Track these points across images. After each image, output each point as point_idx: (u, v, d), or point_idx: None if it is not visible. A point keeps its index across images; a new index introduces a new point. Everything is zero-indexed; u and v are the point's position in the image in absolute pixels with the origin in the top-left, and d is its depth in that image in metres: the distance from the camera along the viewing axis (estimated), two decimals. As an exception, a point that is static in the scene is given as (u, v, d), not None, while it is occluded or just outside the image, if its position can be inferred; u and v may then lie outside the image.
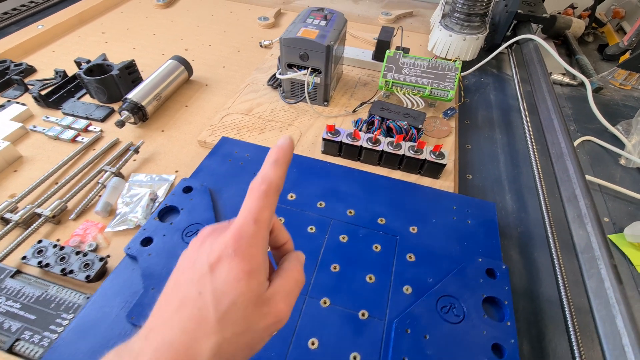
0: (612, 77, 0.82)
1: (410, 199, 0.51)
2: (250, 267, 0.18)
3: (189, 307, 0.17)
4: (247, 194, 0.19)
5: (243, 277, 0.18)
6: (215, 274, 0.18)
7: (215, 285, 0.17)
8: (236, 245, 0.18)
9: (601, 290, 0.36)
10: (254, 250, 0.18)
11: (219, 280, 0.17)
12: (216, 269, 0.18)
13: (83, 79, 0.65)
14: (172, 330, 0.17)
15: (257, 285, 0.18)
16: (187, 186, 0.48)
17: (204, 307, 0.17)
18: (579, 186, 0.45)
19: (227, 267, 0.18)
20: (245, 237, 0.18)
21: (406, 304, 0.39)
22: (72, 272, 0.42)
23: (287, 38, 0.60)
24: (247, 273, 0.18)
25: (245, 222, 0.18)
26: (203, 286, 0.18)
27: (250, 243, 0.18)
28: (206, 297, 0.17)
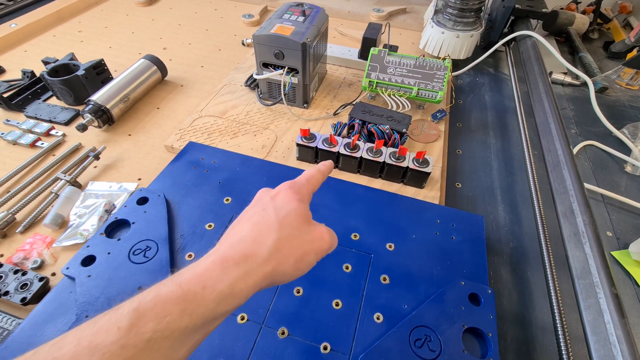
0: (617, 76, 0.76)
1: (388, 211, 0.46)
2: (300, 196, 0.24)
3: (256, 217, 0.23)
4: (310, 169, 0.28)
5: (295, 200, 0.24)
6: (275, 199, 0.24)
7: (275, 204, 0.23)
8: (290, 184, 0.25)
9: (599, 324, 0.31)
10: (303, 190, 0.25)
11: (278, 201, 0.24)
12: (276, 197, 0.24)
13: (47, 79, 0.61)
14: (242, 232, 0.22)
15: (305, 208, 0.24)
16: (142, 197, 0.44)
17: (267, 216, 0.23)
18: (577, 199, 0.40)
19: (284, 194, 0.24)
20: (298, 184, 0.25)
21: (375, 335, 0.34)
22: (7, 293, 0.38)
23: (260, 35, 0.55)
24: (297, 199, 0.24)
25: (300, 178, 0.26)
26: (267, 206, 0.23)
27: (301, 187, 0.25)
28: (269, 210, 0.23)
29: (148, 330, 0.16)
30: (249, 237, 0.21)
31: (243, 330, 0.34)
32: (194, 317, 0.18)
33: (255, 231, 0.22)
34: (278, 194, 0.24)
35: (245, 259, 0.20)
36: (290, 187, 0.25)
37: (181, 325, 0.17)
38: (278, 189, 0.25)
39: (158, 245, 0.39)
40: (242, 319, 0.35)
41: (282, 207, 0.23)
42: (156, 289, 0.18)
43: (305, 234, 0.23)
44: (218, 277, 0.19)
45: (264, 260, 0.20)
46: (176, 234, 0.42)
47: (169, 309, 0.17)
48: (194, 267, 0.20)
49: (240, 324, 0.35)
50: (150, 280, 0.36)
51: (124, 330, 0.16)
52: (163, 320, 0.17)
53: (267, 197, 0.24)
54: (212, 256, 0.20)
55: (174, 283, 0.18)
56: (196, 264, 0.20)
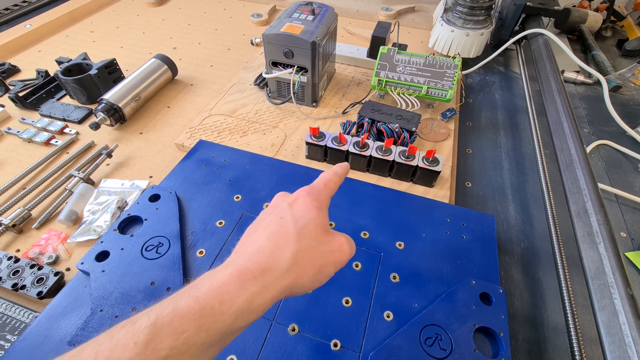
0: (632, 74, 0.74)
1: (398, 209, 0.46)
2: (318, 204, 0.24)
3: (273, 226, 0.22)
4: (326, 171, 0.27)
5: (313, 208, 0.23)
6: (293, 207, 0.23)
7: (293, 212, 0.23)
8: (309, 191, 0.24)
9: (614, 325, 0.30)
10: (322, 197, 0.24)
11: (296, 210, 0.23)
12: (294, 204, 0.23)
13: (61, 79, 0.62)
14: (259, 242, 0.21)
15: (324, 217, 0.23)
16: (154, 194, 0.45)
17: (284, 225, 0.22)
18: (591, 199, 0.39)
19: (302, 201, 0.23)
20: (316, 189, 0.25)
21: (386, 333, 0.34)
22: (24, 287, 0.39)
23: (270, 34, 0.55)
24: (316, 207, 0.23)
25: (317, 183, 0.25)
26: (284, 214, 0.23)
27: (319, 193, 0.24)
28: (287, 219, 0.22)
29: (165, 347, 0.16)
30: (266, 248, 0.21)
31: (254, 327, 0.34)
32: (211, 333, 0.17)
33: (273, 242, 0.21)
34: (296, 201, 0.23)
35: (263, 272, 0.20)
36: (308, 193, 0.24)
37: (198, 342, 0.17)
38: (296, 195, 0.24)
39: (170, 242, 0.40)
40: (252, 316, 0.35)
41: (301, 216, 0.22)
42: (174, 301, 0.18)
43: (324, 245, 0.22)
44: (236, 291, 0.18)
45: (282, 273, 0.20)
46: (187, 231, 0.42)
47: (186, 325, 0.17)
48: (211, 279, 0.19)
49: (250, 320, 0.35)
50: (163, 276, 0.37)
51: (140, 346, 0.16)
52: (180, 336, 0.17)
53: (284, 204, 0.23)
54: (230, 268, 0.20)
55: (192, 297, 0.18)
56: (213, 275, 0.20)
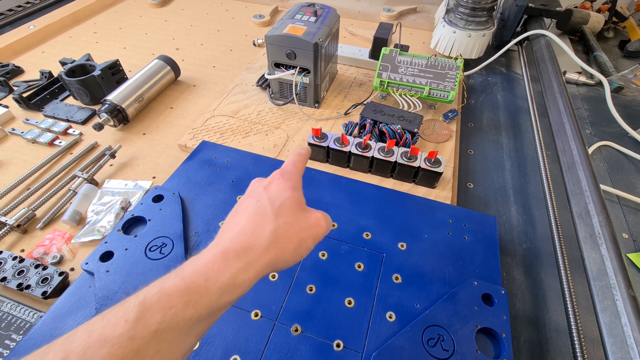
0: (634, 75, 0.74)
1: (400, 210, 0.46)
2: (292, 184, 0.25)
3: (251, 208, 0.23)
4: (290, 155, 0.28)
5: (288, 188, 0.24)
6: (269, 189, 0.24)
7: (269, 194, 0.24)
8: (281, 173, 0.26)
9: (616, 326, 0.30)
10: (294, 177, 0.26)
11: (272, 191, 0.24)
12: (269, 187, 0.24)
13: (64, 80, 0.62)
14: (240, 225, 0.22)
15: (299, 195, 0.25)
16: (158, 195, 0.45)
17: (262, 206, 0.23)
18: (593, 200, 0.40)
19: (276, 183, 0.24)
20: (287, 171, 0.26)
21: (388, 333, 0.34)
22: (29, 287, 0.39)
23: (272, 35, 0.56)
24: (290, 187, 0.24)
25: (287, 165, 0.27)
26: (261, 197, 0.24)
27: (291, 173, 0.26)
28: (264, 201, 0.23)
29: (154, 322, 0.17)
30: (247, 228, 0.22)
31: (257, 327, 0.35)
32: (198, 308, 0.18)
33: (253, 222, 0.22)
34: (271, 184, 0.25)
35: (245, 250, 0.21)
36: (281, 175, 0.25)
37: (186, 317, 0.18)
38: (270, 179, 0.25)
39: (173, 242, 0.40)
40: (255, 316, 0.35)
41: (277, 197, 0.23)
42: (160, 282, 0.19)
43: (301, 221, 0.23)
44: (220, 269, 0.20)
45: (263, 250, 0.21)
46: (191, 231, 0.42)
47: (174, 301, 0.18)
48: (196, 260, 0.20)
49: (254, 320, 0.35)
50: (167, 276, 0.37)
51: (131, 322, 0.17)
52: (168, 312, 0.17)
53: (260, 188, 0.25)
54: (213, 250, 0.21)
55: (178, 277, 0.19)
56: (197, 258, 0.21)
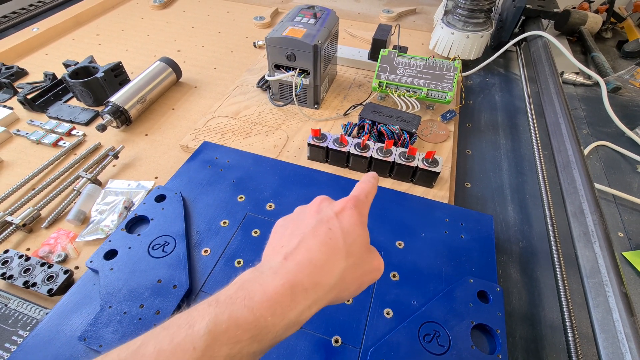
0: (631, 76, 0.75)
1: (398, 209, 0.47)
2: (363, 219, 0.24)
3: (322, 237, 0.22)
4: (361, 181, 0.27)
5: (360, 225, 0.23)
6: (341, 218, 0.23)
7: (342, 225, 0.22)
8: (355, 203, 0.24)
9: (608, 322, 0.31)
10: (364, 211, 0.25)
11: (344, 222, 0.23)
12: (340, 215, 0.23)
13: (68, 81, 0.63)
14: (310, 252, 0.21)
15: (367, 234, 0.24)
16: (160, 195, 0.46)
17: (334, 238, 0.22)
18: (587, 199, 0.40)
19: (349, 214, 0.23)
20: (360, 202, 0.25)
21: (385, 329, 0.35)
22: (35, 284, 0.40)
23: (272, 37, 0.56)
24: (362, 223, 0.24)
25: (360, 194, 0.25)
26: (332, 225, 0.22)
27: (364, 206, 0.25)
28: (336, 232, 0.22)
29: (222, 354, 0.17)
30: (318, 260, 0.21)
31: (257, 323, 0.35)
32: (262, 343, 0.19)
33: (324, 254, 0.21)
34: (343, 212, 0.23)
35: (314, 286, 0.20)
36: (355, 205, 0.24)
37: (250, 351, 0.18)
38: (342, 205, 0.24)
39: (176, 241, 0.41)
40: (256, 312, 0.36)
41: (350, 232, 0.22)
42: (229, 309, 0.18)
43: (366, 264, 0.23)
44: (288, 305, 0.19)
45: (330, 288, 0.21)
46: (192, 230, 0.43)
47: (241, 335, 0.18)
48: (263, 286, 0.19)
49: (254, 317, 0.36)
50: (169, 273, 0.38)
51: (199, 351, 0.17)
52: (236, 346, 0.18)
53: (331, 212, 0.23)
54: (282, 276, 0.20)
55: (246, 307, 0.19)
56: (264, 281, 0.20)
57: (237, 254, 0.41)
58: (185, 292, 0.36)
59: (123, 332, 0.33)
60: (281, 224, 0.25)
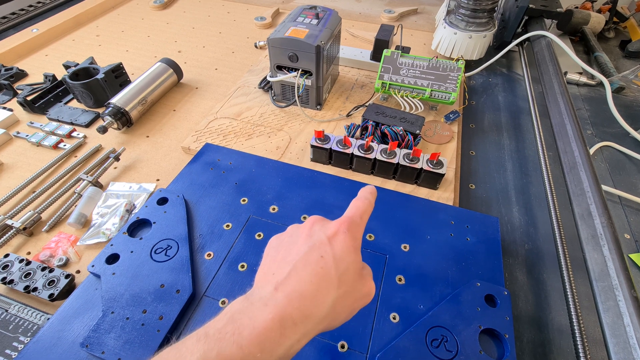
0: (635, 76, 0.74)
1: (403, 212, 0.46)
2: (357, 244, 0.23)
3: (313, 266, 0.21)
4: (357, 197, 0.26)
5: (353, 251, 0.23)
6: (333, 244, 0.22)
7: (334, 252, 0.22)
8: (348, 226, 0.23)
9: (619, 327, 0.30)
10: (358, 235, 0.24)
11: (337, 249, 0.22)
12: (333, 240, 0.23)
13: (68, 83, 0.63)
14: (300, 283, 0.21)
15: (359, 260, 0.23)
16: (162, 197, 0.45)
17: (326, 267, 0.21)
18: (595, 201, 0.40)
19: (342, 239, 0.22)
20: (354, 224, 0.24)
21: (392, 334, 0.35)
22: (36, 289, 0.39)
23: (275, 38, 0.56)
24: (355, 248, 0.23)
25: (355, 214, 0.24)
26: (324, 252, 0.22)
27: (357, 229, 0.24)
28: (328, 260, 0.22)
29: None
30: (308, 292, 0.20)
31: (262, 328, 0.35)
32: None
33: (315, 285, 0.21)
34: (336, 237, 0.23)
35: (304, 319, 0.20)
36: (348, 229, 0.23)
37: None
38: (336, 229, 0.23)
39: (178, 245, 0.40)
40: (260, 317, 0.36)
41: (342, 259, 0.22)
42: (218, 345, 0.18)
43: (357, 290, 0.23)
44: (277, 340, 0.19)
45: (320, 320, 0.21)
46: (195, 234, 0.43)
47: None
48: (252, 321, 0.19)
49: (259, 321, 0.35)
50: (172, 278, 0.37)
51: None
52: None
53: (323, 237, 0.23)
54: (271, 309, 0.20)
55: (235, 344, 0.18)
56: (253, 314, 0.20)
57: (240, 258, 0.41)
58: (188, 296, 0.36)
59: (126, 338, 0.33)
60: (274, 245, 0.25)
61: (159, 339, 0.33)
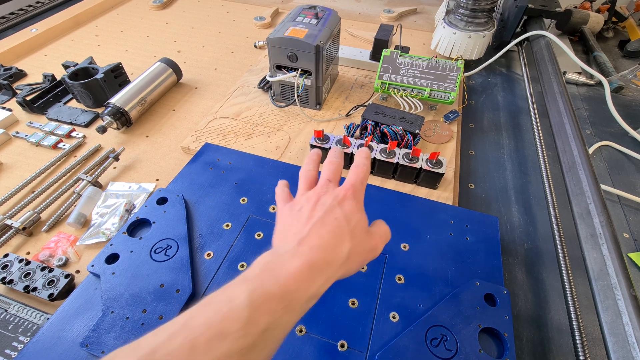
0: (634, 75, 0.75)
1: (402, 211, 0.46)
2: (360, 206, 0.28)
3: (329, 225, 0.25)
4: (355, 164, 0.30)
5: (358, 211, 0.27)
6: (343, 207, 0.26)
7: (345, 213, 0.26)
8: (353, 192, 0.28)
9: (618, 326, 0.31)
10: (360, 198, 0.28)
11: (346, 210, 0.26)
12: (342, 204, 0.27)
13: (67, 83, 0.63)
14: (321, 238, 0.24)
15: (365, 219, 0.27)
16: (162, 197, 0.45)
17: (340, 225, 0.25)
18: (594, 200, 0.40)
19: (349, 203, 0.27)
20: (357, 190, 0.28)
21: (392, 334, 0.35)
22: (35, 289, 0.39)
23: (274, 38, 0.56)
24: (360, 209, 0.27)
25: (356, 181, 0.28)
26: (337, 213, 0.26)
27: (359, 193, 0.28)
28: (340, 219, 0.26)
29: (263, 322, 0.20)
30: (327, 244, 0.24)
31: (262, 328, 0.35)
32: (292, 314, 0.22)
33: (333, 239, 0.25)
34: (344, 201, 0.27)
35: (328, 265, 0.24)
36: (353, 194, 0.27)
37: (284, 320, 0.21)
38: (343, 194, 0.27)
39: (178, 244, 0.40)
40: (260, 317, 0.36)
41: (351, 217, 0.26)
42: (261, 283, 0.21)
43: (366, 243, 0.27)
44: (309, 281, 0.22)
45: (339, 266, 0.24)
46: (195, 233, 0.43)
47: (275, 306, 0.21)
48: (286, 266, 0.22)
49: (258, 321, 0.35)
50: (172, 277, 0.37)
51: (243, 321, 0.19)
52: (273, 315, 0.20)
53: (334, 202, 0.27)
54: (299, 258, 0.23)
55: (277, 284, 0.21)
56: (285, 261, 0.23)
57: (240, 257, 0.41)
58: (188, 296, 0.36)
59: (126, 338, 0.33)
60: (288, 213, 0.28)
61: (159, 338, 0.33)
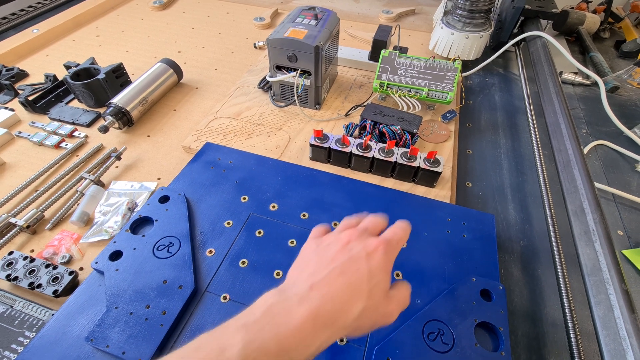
0: (629, 76, 0.76)
1: (400, 209, 0.47)
2: (389, 266, 0.25)
3: (348, 275, 0.23)
4: (396, 225, 0.28)
5: (385, 271, 0.25)
6: (370, 260, 0.24)
7: (369, 267, 0.24)
8: (386, 248, 0.25)
9: (610, 319, 0.31)
10: (392, 257, 0.26)
11: (372, 265, 0.24)
12: (371, 257, 0.25)
13: (69, 83, 0.63)
14: (335, 287, 0.23)
15: (388, 281, 0.25)
16: (164, 196, 0.46)
17: (360, 279, 0.23)
18: (587, 198, 0.41)
19: (379, 258, 0.24)
20: (391, 247, 0.26)
21: (390, 328, 0.35)
22: (40, 286, 0.40)
23: (274, 39, 0.57)
24: (387, 269, 0.25)
25: (393, 238, 0.26)
26: (361, 265, 0.24)
27: (392, 252, 0.26)
28: (363, 273, 0.24)
29: None
30: (339, 298, 0.22)
31: (263, 323, 0.36)
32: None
33: (347, 293, 0.23)
34: (374, 255, 0.25)
35: (334, 322, 0.22)
36: (386, 251, 0.25)
37: None
38: (375, 247, 0.25)
39: (180, 242, 0.41)
40: (261, 312, 0.36)
41: (374, 275, 0.24)
42: (259, 338, 0.20)
43: (382, 307, 0.25)
44: (310, 336, 0.21)
45: (347, 325, 0.23)
46: (196, 231, 0.44)
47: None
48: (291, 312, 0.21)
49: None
50: (174, 274, 0.38)
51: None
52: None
53: (363, 252, 0.25)
54: (305, 306, 0.21)
55: (274, 339, 0.20)
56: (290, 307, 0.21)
57: (241, 254, 0.42)
58: (190, 292, 0.37)
59: (130, 333, 0.34)
60: (313, 248, 0.26)
61: (163, 333, 0.34)
